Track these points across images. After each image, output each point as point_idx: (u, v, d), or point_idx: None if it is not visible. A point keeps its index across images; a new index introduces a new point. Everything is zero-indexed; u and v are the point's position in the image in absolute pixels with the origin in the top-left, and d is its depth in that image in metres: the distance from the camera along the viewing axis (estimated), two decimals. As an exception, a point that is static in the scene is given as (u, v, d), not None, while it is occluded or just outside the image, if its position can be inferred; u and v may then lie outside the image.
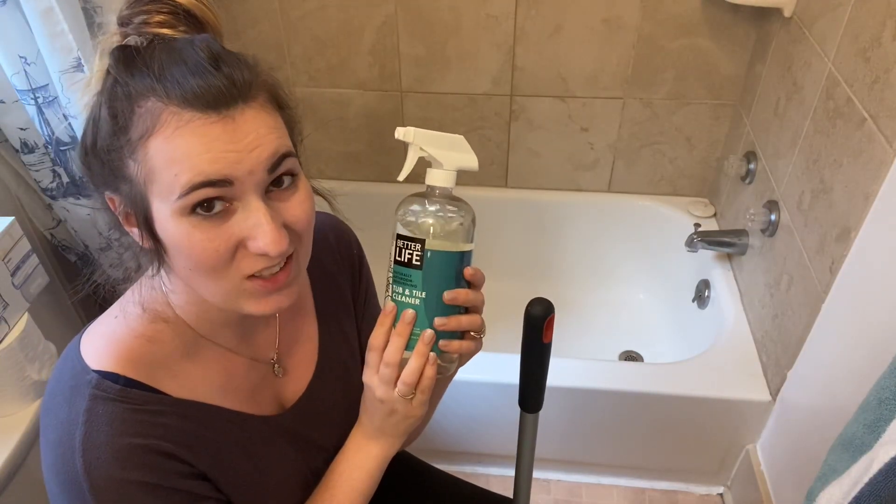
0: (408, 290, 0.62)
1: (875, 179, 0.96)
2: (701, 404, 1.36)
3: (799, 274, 1.21)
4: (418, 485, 0.98)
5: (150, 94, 0.51)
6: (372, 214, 2.05)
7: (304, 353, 0.77)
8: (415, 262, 0.61)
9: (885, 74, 0.96)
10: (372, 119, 1.80)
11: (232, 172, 0.52)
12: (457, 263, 0.63)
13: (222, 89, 0.51)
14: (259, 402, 0.71)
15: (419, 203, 0.62)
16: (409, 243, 0.61)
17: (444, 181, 0.63)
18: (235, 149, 0.52)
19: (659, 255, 1.88)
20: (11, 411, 1.04)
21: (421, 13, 1.60)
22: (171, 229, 0.54)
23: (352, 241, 0.83)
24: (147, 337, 0.61)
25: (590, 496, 1.56)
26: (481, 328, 0.67)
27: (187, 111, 0.51)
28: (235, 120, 0.52)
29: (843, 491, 0.65)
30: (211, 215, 0.53)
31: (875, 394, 0.67)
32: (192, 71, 0.51)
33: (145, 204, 0.54)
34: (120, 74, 0.53)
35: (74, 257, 1.38)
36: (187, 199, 0.52)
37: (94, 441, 0.56)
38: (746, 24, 1.52)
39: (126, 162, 0.53)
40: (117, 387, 0.58)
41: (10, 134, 1.17)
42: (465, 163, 0.63)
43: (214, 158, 0.51)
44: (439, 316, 0.62)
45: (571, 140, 1.77)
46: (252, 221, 0.54)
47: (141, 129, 0.52)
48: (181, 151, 0.51)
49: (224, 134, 0.51)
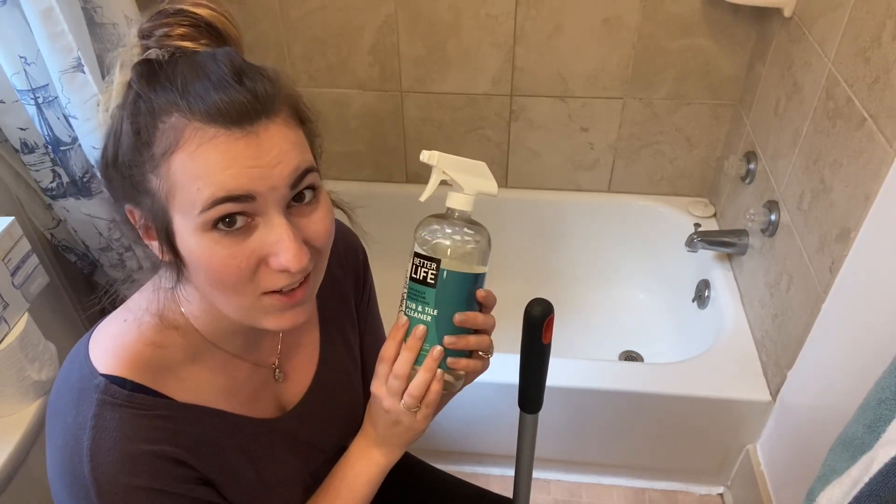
0: (421, 306, 0.64)
1: (875, 179, 0.96)
2: (701, 404, 1.36)
3: (799, 274, 1.21)
4: (418, 485, 0.98)
5: (174, 110, 0.51)
6: (371, 214, 2.05)
7: (305, 357, 0.77)
8: (429, 281, 0.63)
9: (885, 74, 0.96)
10: (372, 119, 1.80)
11: (254, 188, 0.52)
12: (470, 285, 0.65)
13: (246, 105, 0.51)
14: (260, 406, 0.71)
15: (438, 224, 0.64)
16: (425, 262, 0.63)
17: (463, 205, 0.65)
18: (258, 164, 0.52)
19: (659, 255, 1.88)
20: (11, 411, 1.04)
21: (421, 13, 1.60)
22: (193, 245, 0.54)
23: (358, 248, 0.84)
24: (156, 343, 0.62)
25: (590, 496, 1.56)
26: (489, 348, 0.68)
27: (211, 127, 0.51)
28: (259, 136, 0.52)
29: (843, 491, 0.65)
30: (233, 231, 0.53)
31: (875, 394, 0.67)
32: (215, 86, 0.51)
33: (167, 218, 0.54)
34: (142, 89, 0.52)
35: (74, 257, 1.38)
36: (209, 213, 0.52)
37: (101, 447, 0.56)
38: (746, 24, 1.52)
39: (148, 177, 0.53)
40: (125, 392, 0.58)
41: (10, 134, 1.16)
42: (486, 188, 0.66)
43: (237, 174, 0.51)
44: (449, 334, 0.64)
45: (571, 140, 1.77)
46: (274, 238, 0.54)
47: (164, 144, 0.51)
48: (204, 167, 0.51)
49: (248, 150, 0.51)
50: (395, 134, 1.82)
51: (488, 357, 0.70)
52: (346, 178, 1.93)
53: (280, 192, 0.53)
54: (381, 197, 1.90)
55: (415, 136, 1.81)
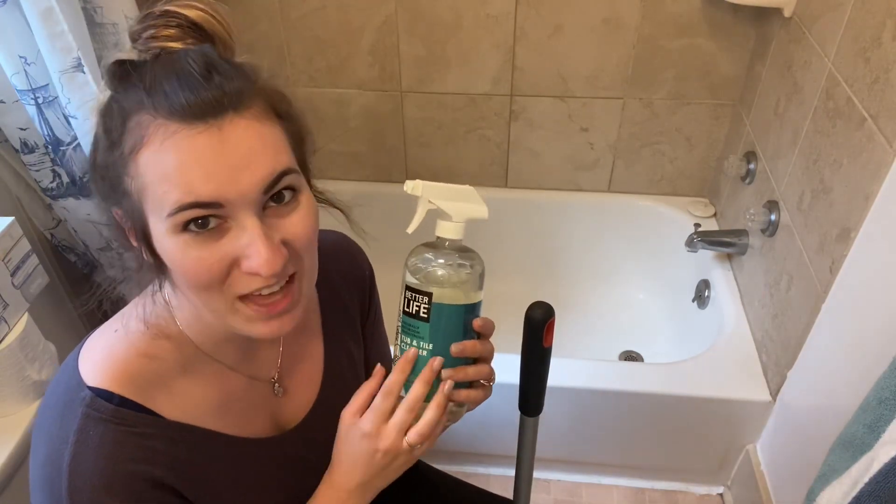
0: (415, 340, 0.62)
1: (875, 179, 0.96)
2: (701, 404, 1.36)
3: (799, 274, 1.21)
4: (418, 485, 0.98)
5: (140, 109, 0.50)
6: (371, 214, 2.05)
7: (307, 372, 0.74)
8: (422, 315, 0.61)
9: (885, 74, 0.96)
10: (372, 119, 1.80)
11: (223, 195, 0.50)
12: (464, 315, 0.63)
13: (210, 99, 0.49)
14: (254, 424, 0.69)
15: (428, 254, 0.63)
16: (416, 295, 0.61)
17: (453, 233, 0.63)
18: (227, 164, 0.50)
19: (659, 255, 1.88)
20: (11, 411, 1.04)
21: (421, 13, 1.60)
22: (167, 246, 0.53)
23: (363, 262, 0.82)
24: (148, 354, 0.60)
25: (590, 496, 1.56)
26: (490, 376, 0.67)
27: (173, 123, 0.49)
28: (223, 130, 0.50)
29: (843, 491, 0.65)
30: (204, 232, 0.51)
31: (875, 394, 0.67)
32: (181, 83, 0.50)
33: (143, 220, 0.54)
34: (115, 89, 0.53)
35: (74, 257, 1.38)
36: (177, 217, 0.50)
37: (81, 464, 0.55)
38: (746, 24, 1.52)
39: (122, 178, 0.53)
40: (111, 406, 0.57)
41: (10, 134, 1.16)
42: (475, 214, 0.63)
43: (206, 176, 0.49)
44: (446, 367, 0.63)
45: (571, 140, 1.77)
46: (245, 240, 0.52)
47: (131, 143, 0.51)
48: (171, 167, 0.49)
49: (211, 146, 0.49)
50: (395, 134, 1.82)
51: (490, 385, 0.68)
52: (346, 178, 1.93)
53: (251, 198, 0.51)
54: (381, 197, 1.89)
55: (415, 136, 1.81)
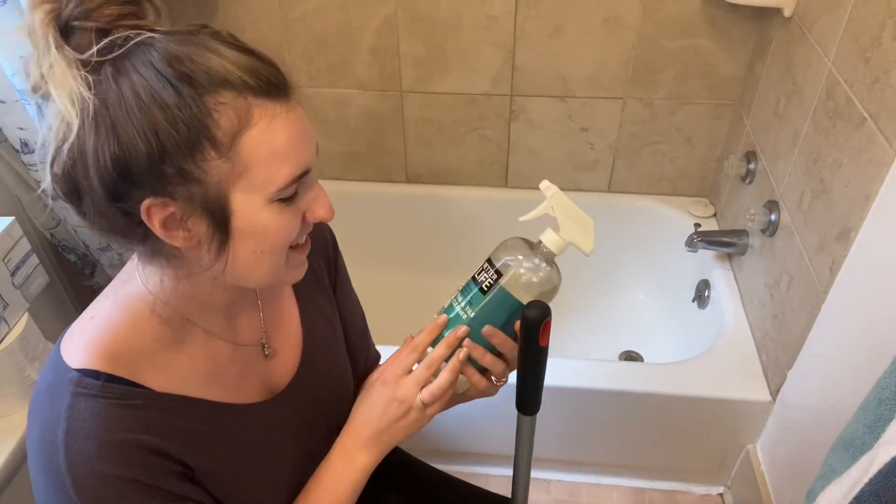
0: (465, 302, 0.69)
1: (875, 179, 0.96)
2: (701, 404, 1.36)
3: (799, 274, 1.21)
4: (417, 485, 0.98)
5: (224, 89, 0.52)
6: (371, 214, 2.05)
7: (289, 334, 0.76)
8: (484, 287, 0.68)
9: (885, 74, 0.96)
10: (372, 119, 1.80)
11: (311, 162, 0.58)
12: (515, 313, 0.68)
13: (282, 77, 0.55)
14: (246, 390, 0.70)
15: (523, 248, 0.69)
16: (491, 270, 0.68)
17: (553, 245, 0.69)
18: (308, 135, 0.57)
19: (659, 255, 1.88)
20: (11, 411, 1.04)
21: (421, 13, 1.60)
22: (262, 218, 0.56)
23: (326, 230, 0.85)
24: (129, 332, 0.60)
25: (590, 496, 1.56)
26: (501, 375, 0.72)
27: (270, 102, 0.54)
28: (296, 106, 0.57)
29: (843, 491, 0.65)
30: (290, 197, 0.58)
31: (875, 394, 0.67)
32: (261, 63, 0.54)
33: (222, 201, 0.54)
34: (171, 78, 0.50)
35: (74, 257, 1.38)
36: (285, 190, 0.56)
37: (76, 436, 0.56)
38: (746, 24, 1.52)
39: (202, 164, 0.52)
40: (98, 383, 0.57)
41: (10, 134, 1.17)
42: (580, 243, 0.69)
43: (305, 149, 0.57)
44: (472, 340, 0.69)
45: (571, 140, 1.77)
46: (312, 195, 0.60)
47: (228, 126, 0.52)
48: (280, 144, 0.54)
49: (298, 121, 0.56)
50: (395, 134, 1.81)
51: (497, 385, 0.73)
52: (347, 178, 1.92)
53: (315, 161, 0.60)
54: (381, 197, 1.90)
55: (415, 136, 1.81)
